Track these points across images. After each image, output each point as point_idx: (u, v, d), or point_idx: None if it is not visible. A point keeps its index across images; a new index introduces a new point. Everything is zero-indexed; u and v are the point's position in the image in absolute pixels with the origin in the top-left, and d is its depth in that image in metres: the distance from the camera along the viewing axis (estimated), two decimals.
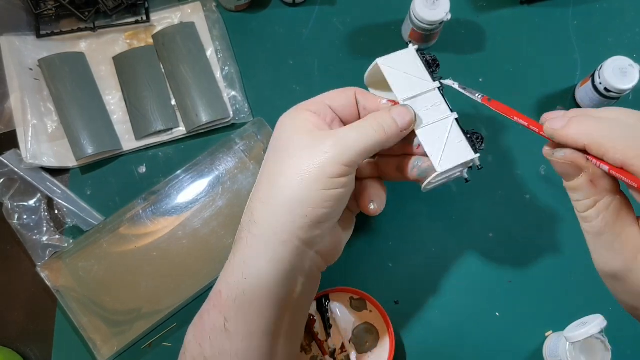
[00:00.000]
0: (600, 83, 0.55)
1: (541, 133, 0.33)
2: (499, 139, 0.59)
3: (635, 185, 0.29)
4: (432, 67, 0.45)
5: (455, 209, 0.57)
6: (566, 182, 0.32)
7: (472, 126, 0.58)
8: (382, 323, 0.53)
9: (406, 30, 0.56)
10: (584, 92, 0.58)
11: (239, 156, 0.56)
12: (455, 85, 0.44)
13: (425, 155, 0.43)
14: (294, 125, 0.40)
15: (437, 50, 0.61)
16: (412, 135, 0.43)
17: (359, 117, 0.44)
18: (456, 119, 0.44)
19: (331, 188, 0.38)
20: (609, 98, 0.55)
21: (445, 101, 0.44)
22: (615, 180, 0.31)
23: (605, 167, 0.30)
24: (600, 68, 0.55)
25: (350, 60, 0.60)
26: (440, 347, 0.54)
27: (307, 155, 0.38)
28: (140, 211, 0.55)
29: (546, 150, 0.33)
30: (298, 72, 0.60)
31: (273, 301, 0.38)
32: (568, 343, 0.48)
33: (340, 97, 0.43)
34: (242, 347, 0.38)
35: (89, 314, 0.52)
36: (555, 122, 0.32)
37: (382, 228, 0.56)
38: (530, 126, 0.36)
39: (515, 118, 0.38)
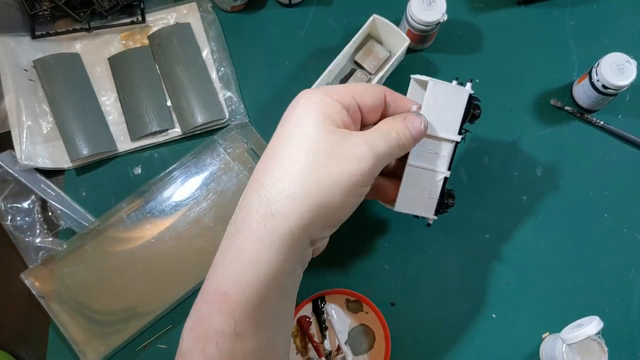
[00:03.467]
0: (598, 80, 0.55)
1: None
2: (495, 141, 0.59)
3: None
4: (470, 119, 0.44)
5: (451, 210, 0.56)
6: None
7: (472, 126, 0.58)
8: (378, 325, 0.52)
9: (403, 31, 0.56)
10: (581, 89, 0.57)
11: (223, 157, 0.56)
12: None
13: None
14: (322, 113, 0.37)
15: (434, 51, 0.61)
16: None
17: (380, 118, 0.42)
18: (445, 177, 0.44)
19: (354, 196, 0.37)
20: (606, 95, 0.55)
21: (452, 158, 0.44)
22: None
23: None
24: (598, 65, 0.55)
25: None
26: (437, 348, 0.53)
27: (339, 159, 0.36)
28: (125, 215, 0.54)
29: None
30: (294, 73, 0.60)
31: (281, 296, 0.37)
32: (565, 345, 0.48)
33: (370, 97, 0.40)
34: (253, 346, 0.36)
35: (75, 318, 0.52)
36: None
37: (377, 230, 0.56)
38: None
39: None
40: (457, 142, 0.43)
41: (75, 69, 0.58)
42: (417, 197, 0.44)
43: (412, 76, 0.46)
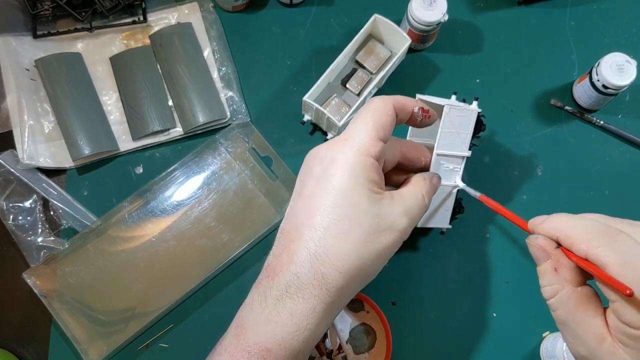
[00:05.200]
0: (598, 80, 0.55)
1: (526, 228, 0.37)
2: (497, 140, 0.59)
3: (596, 274, 0.31)
4: (476, 133, 0.48)
5: None
6: (537, 266, 0.35)
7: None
8: (379, 324, 0.53)
9: (404, 31, 0.56)
10: (581, 89, 0.58)
11: (224, 157, 0.56)
12: (461, 185, 0.48)
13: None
14: (368, 180, 0.37)
15: (435, 50, 0.61)
16: None
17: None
18: (458, 189, 0.48)
19: (390, 256, 0.39)
20: (606, 94, 0.55)
21: (463, 170, 0.48)
22: (582, 273, 0.33)
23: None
24: (598, 65, 0.55)
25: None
26: (438, 348, 0.54)
27: (385, 232, 0.38)
28: (126, 215, 0.55)
29: (528, 239, 0.36)
30: (295, 73, 0.60)
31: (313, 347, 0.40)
32: (565, 344, 0.48)
33: (388, 121, 0.39)
34: None
35: (77, 318, 0.52)
36: (537, 219, 0.35)
37: None
38: (516, 223, 0.39)
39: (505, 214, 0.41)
40: (467, 157, 0.48)
41: (76, 68, 0.58)
42: (435, 212, 0.48)
43: (418, 96, 0.48)
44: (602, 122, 0.59)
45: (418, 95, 0.48)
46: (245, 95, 0.60)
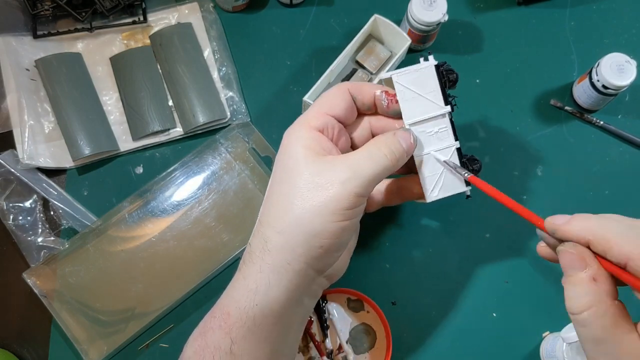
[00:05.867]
0: (598, 80, 0.55)
1: (543, 228, 0.33)
2: (496, 140, 0.59)
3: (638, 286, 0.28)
4: (450, 86, 0.43)
5: (452, 209, 0.57)
6: (568, 277, 0.31)
7: (470, 125, 0.58)
8: (379, 324, 0.53)
9: (404, 31, 0.56)
10: (581, 89, 0.58)
11: (224, 157, 0.56)
12: (442, 159, 0.43)
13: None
14: (303, 146, 0.39)
15: (434, 51, 0.61)
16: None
17: (358, 113, 0.44)
18: (456, 148, 0.44)
19: (347, 219, 0.38)
20: (606, 95, 0.55)
21: (453, 128, 0.43)
22: (615, 285, 0.30)
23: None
24: (598, 65, 0.55)
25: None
26: (438, 348, 0.54)
27: (322, 187, 0.37)
28: (126, 215, 0.55)
29: (541, 248, 0.34)
30: (295, 73, 0.60)
31: (281, 326, 0.39)
32: (565, 344, 0.48)
33: (338, 102, 0.42)
34: None
35: (77, 318, 0.52)
36: (558, 218, 0.32)
37: (379, 229, 0.56)
38: (528, 219, 0.36)
39: (507, 203, 0.38)
40: (449, 112, 0.43)
41: (77, 68, 0.58)
42: (442, 180, 0.44)
43: (390, 74, 0.43)
44: (602, 123, 0.59)
45: (390, 73, 0.43)
46: (245, 95, 0.60)
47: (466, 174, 0.42)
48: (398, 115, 0.43)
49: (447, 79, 0.43)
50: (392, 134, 0.41)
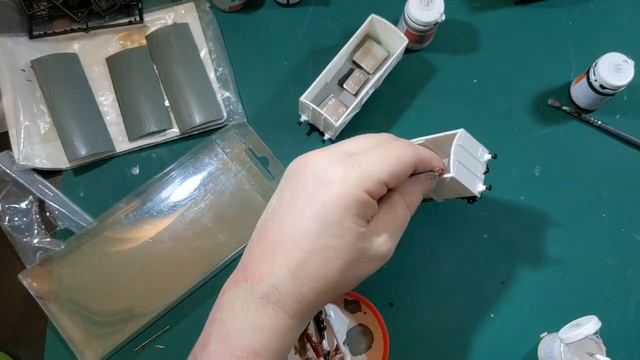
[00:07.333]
0: (596, 80, 0.55)
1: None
2: (494, 140, 0.59)
3: None
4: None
5: (449, 210, 0.56)
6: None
7: (468, 125, 0.58)
8: (377, 325, 0.52)
9: (401, 31, 0.56)
10: (579, 89, 0.58)
11: (221, 158, 0.56)
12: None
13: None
14: (346, 208, 0.36)
15: (432, 51, 0.61)
16: None
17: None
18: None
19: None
20: (604, 95, 0.55)
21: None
22: None
23: None
24: (595, 65, 0.55)
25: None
26: (435, 349, 0.53)
27: (368, 263, 0.39)
28: (123, 216, 0.54)
29: None
30: (292, 73, 0.60)
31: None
32: (562, 344, 0.48)
33: (402, 173, 0.39)
34: None
35: (73, 319, 0.52)
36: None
37: None
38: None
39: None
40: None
41: (73, 69, 0.58)
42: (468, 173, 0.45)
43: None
44: (599, 122, 0.59)
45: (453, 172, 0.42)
46: (241, 95, 0.59)
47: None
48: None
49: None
50: (421, 192, 0.42)
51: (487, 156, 0.46)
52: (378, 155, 0.38)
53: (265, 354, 0.37)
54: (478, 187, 0.45)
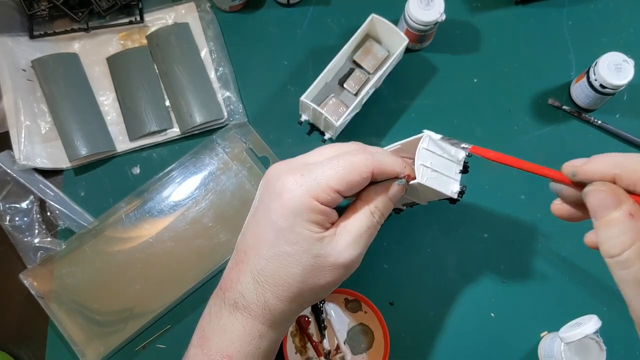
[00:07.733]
0: (596, 79, 0.55)
1: (559, 178, 0.31)
2: (494, 140, 0.59)
3: None
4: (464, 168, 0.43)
5: (450, 209, 0.56)
6: (600, 218, 0.28)
7: (467, 125, 0.58)
8: (377, 324, 0.53)
9: (401, 31, 0.56)
10: (579, 88, 0.58)
11: (221, 157, 0.56)
12: (438, 137, 0.41)
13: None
14: (296, 215, 0.37)
15: (432, 50, 0.61)
16: None
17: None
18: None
19: (339, 284, 0.41)
20: (604, 94, 0.55)
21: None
22: None
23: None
24: (595, 64, 0.55)
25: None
26: (435, 348, 0.54)
27: (329, 272, 0.39)
28: (124, 215, 0.54)
29: (556, 206, 0.33)
30: (293, 73, 0.60)
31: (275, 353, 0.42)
32: (563, 343, 0.48)
33: (356, 181, 0.38)
34: None
35: (74, 318, 0.52)
36: (576, 160, 0.30)
37: None
38: (541, 173, 0.33)
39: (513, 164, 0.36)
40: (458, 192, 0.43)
41: (73, 69, 0.58)
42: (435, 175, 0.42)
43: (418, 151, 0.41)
44: (599, 122, 0.59)
45: (418, 179, 0.40)
46: (242, 95, 0.59)
47: (466, 145, 0.41)
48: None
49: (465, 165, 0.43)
50: (385, 193, 0.40)
51: (462, 154, 0.43)
52: (331, 164, 0.38)
53: (239, 357, 0.38)
54: (453, 189, 0.42)
